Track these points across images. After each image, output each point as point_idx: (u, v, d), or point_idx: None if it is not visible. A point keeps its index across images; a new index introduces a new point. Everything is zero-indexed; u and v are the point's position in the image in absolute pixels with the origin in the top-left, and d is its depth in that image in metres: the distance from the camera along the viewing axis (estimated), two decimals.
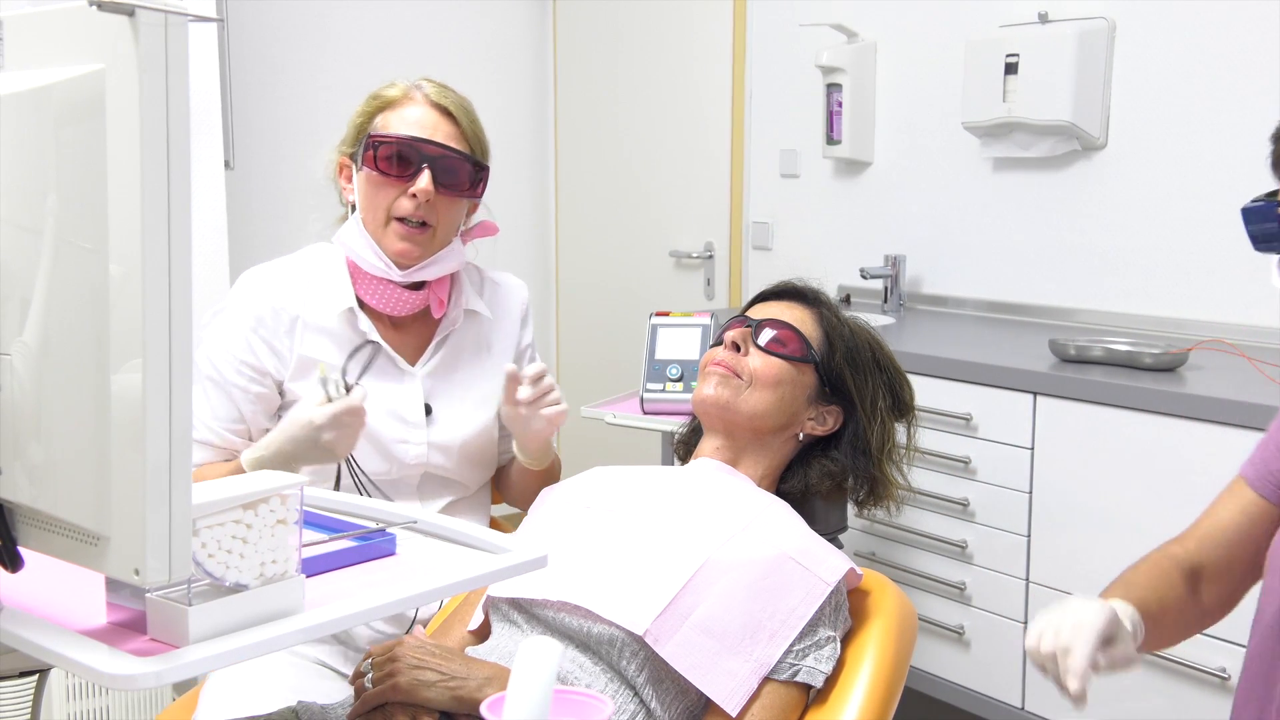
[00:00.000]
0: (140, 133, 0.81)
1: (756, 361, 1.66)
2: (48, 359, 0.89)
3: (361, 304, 1.88)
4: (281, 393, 1.87)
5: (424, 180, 1.80)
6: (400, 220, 1.82)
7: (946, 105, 3.21)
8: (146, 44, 0.81)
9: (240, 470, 1.71)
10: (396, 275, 1.84)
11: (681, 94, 4.04)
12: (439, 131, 1.83)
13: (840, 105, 3.41)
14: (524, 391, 1.81)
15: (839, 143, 3.45)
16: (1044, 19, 2.93)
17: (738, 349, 1.68)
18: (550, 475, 1.99)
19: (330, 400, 1.66)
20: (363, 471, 1.84)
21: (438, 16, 4.15)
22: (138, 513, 0.83)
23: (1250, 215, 1.54)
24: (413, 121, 1.83)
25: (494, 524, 2.03)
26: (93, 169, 0.84)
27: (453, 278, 1.95)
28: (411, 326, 1.93)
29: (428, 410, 1.89)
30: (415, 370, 1.90)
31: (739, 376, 1.66)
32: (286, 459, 1.67)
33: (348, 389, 1.68)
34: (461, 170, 1.83)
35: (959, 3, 3.19)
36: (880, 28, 3.40)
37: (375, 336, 1.87)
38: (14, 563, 0.95)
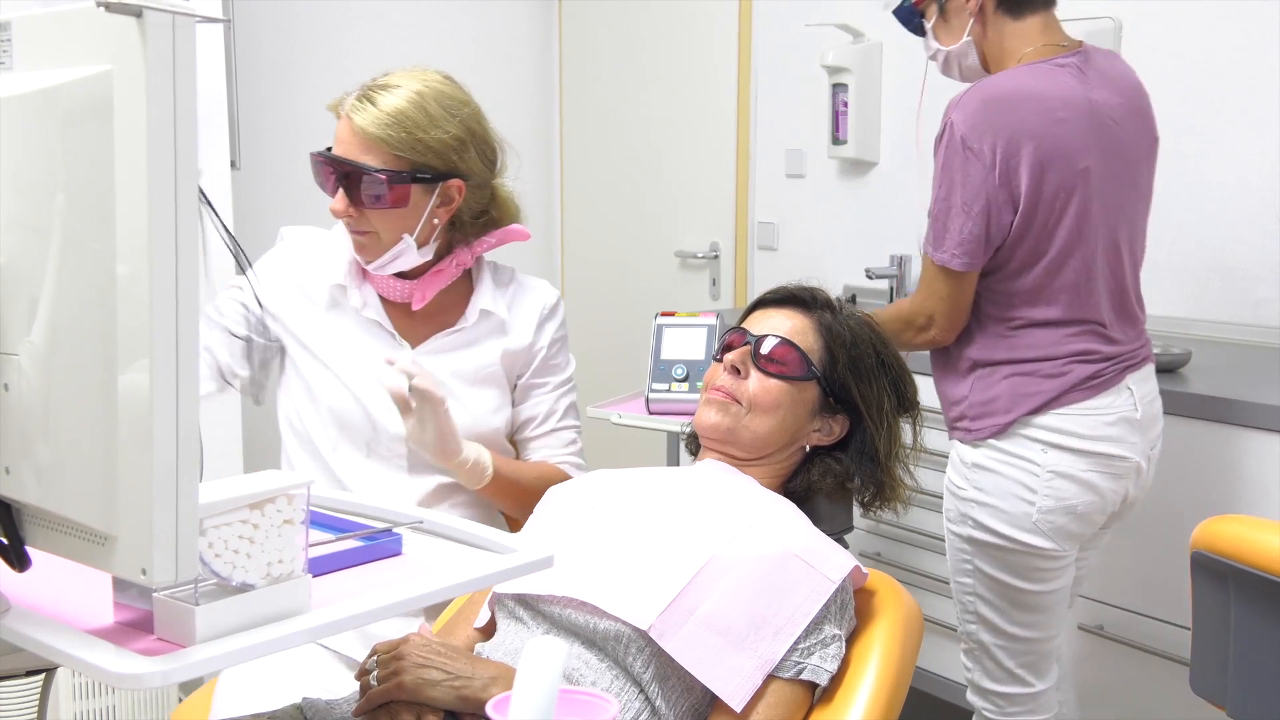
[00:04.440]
0: (147, 133, 0.81)
1: (755, 386, 1.66)
2: (55, 359, 0.89)
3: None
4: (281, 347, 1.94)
5: (335, 201, 1.81)
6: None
7: None
8: (154, 45, 0.81)
9: None
10: (370, 269, 1.89)
11: (687, 94, 4.04)
12: (352, 147, 1.80)
13: (846, 105, 3.40)
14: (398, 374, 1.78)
15: (844, 143, 3.45)
16: None
17: (738, 372, 1.68)
18: (517, 498, 1.92)
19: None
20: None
21: (444, 16, 4.15)
22: (145, 512, 0.83)
23: (898, 13, 2.17)
24: (336, 137, 1.83)
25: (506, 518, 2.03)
26: (100, 169, 0.84)
27: (471, 278, 1.96)
28: (426, 315, 1.93)
29: None
30: (412, 350, 1.91)
31: (738, 403, 1.66)
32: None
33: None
34: (375, 184, 1.79)
35: None
36: (886, 28, 3.37)
37: (374, 314, 1.91)
38: (22, 562, 0.96)
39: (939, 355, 2.17)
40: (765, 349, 1.67)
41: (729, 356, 1.69)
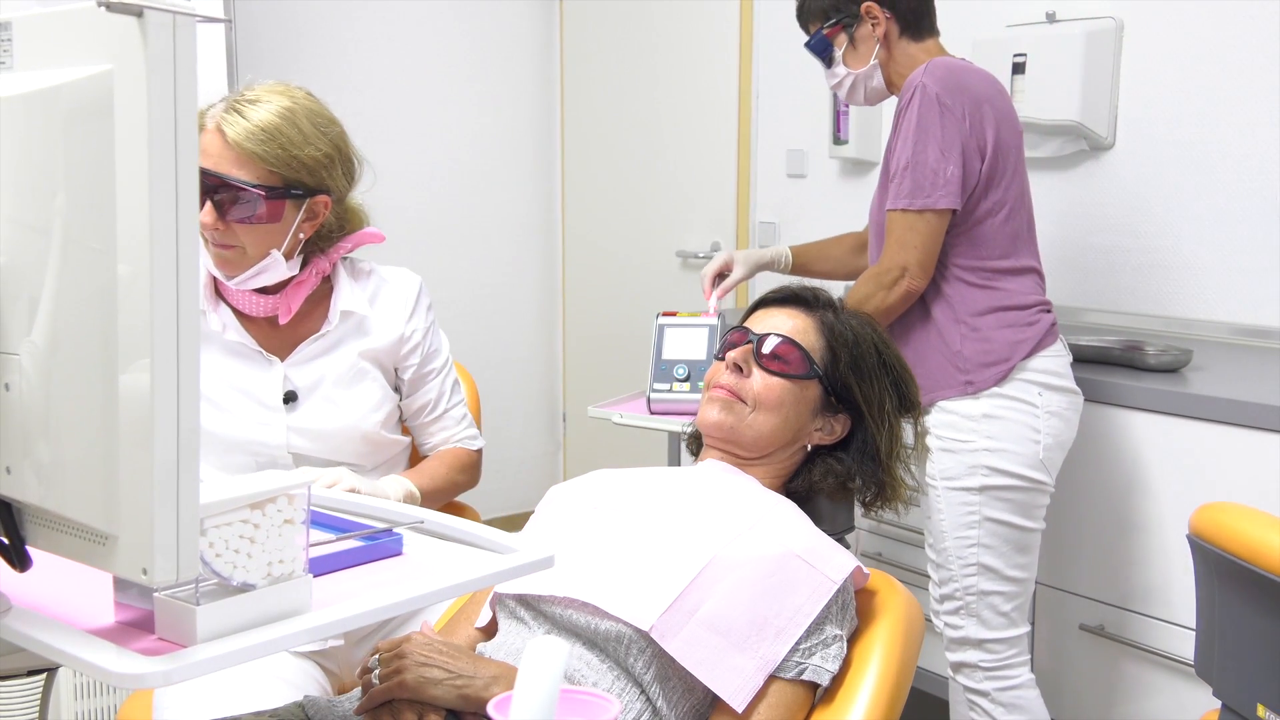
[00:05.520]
0: (148, 133, 0.81)
1: (758, 384, 1.66)
2: (56, 359, 0.89)
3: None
4: None
5: (204, 213, 1.78)
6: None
7: None
8: (154, 45, 0.81)
9: None
10: (231, 284, 1.87)
11: (688, 94, 4.04)
12: (224, 161, 1.78)
13: (847, 105, 3.40)
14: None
15: (846, 143, 3.44)
16: (1052, 18, 2.93)
17: (740, 370, 1.68)
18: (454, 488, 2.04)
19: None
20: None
21: (444, 16, 4.15)
22: (146, 512, 0.83)
23: (812, 46, 2.38)
24: (202, 148, 1.80)
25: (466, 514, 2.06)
26: (101, 169, 0.84)
27: (331, 283, 1.97)
28: (290, 325, 1.93)
29: (292, 397, 1.90)
30: (280, 363, 1.91)
31: (742, 400, 1.66)
32: None
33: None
34: (249, 200, 1.79)
35: (966, 2, 3.19)
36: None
37: (236, 334, 1.90)
38: (23, 562, 0.96)
39: (913, 325, 2.26)
40: (767, 347, 1.67)
41: (731, 355, 1.69)
